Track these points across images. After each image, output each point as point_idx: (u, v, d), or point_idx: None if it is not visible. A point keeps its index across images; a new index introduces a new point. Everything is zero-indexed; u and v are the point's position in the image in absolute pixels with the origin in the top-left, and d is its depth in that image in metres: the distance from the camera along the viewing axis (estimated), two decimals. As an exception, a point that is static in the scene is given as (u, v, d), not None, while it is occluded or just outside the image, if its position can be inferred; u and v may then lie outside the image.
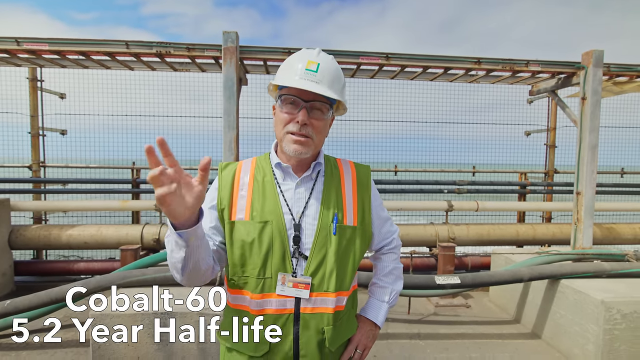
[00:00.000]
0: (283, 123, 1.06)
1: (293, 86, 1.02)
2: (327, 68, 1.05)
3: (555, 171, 5.63)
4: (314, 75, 1.02)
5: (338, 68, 1.10)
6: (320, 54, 1.08)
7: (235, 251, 1.07)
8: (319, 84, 1.02)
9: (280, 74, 1.09)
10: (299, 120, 1.03)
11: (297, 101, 1.04)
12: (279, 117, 1.08)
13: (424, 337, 3.28)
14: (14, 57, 3.78)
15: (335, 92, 1.05)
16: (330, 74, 1.05)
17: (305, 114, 1.03)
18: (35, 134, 4.97)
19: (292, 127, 1.04)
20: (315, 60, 1.04)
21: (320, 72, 1.03)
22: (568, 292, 3.02)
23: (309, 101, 1.03)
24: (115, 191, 4.99)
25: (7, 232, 4.19)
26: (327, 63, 1.06)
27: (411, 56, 3.65)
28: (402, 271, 1.33)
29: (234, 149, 3.42)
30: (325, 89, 1.02)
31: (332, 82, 1.05)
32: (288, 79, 1.04)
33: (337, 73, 1.08)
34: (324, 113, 1.06)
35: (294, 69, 1.05)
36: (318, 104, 1.04)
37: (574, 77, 3.90)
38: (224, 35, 3.33)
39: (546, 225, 4.91)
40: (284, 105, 1.06)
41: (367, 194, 1.18)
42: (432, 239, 4.60)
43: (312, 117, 1.04)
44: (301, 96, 1.03)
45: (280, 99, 1.07)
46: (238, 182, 1.12)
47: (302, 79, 1.02)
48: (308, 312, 1.05)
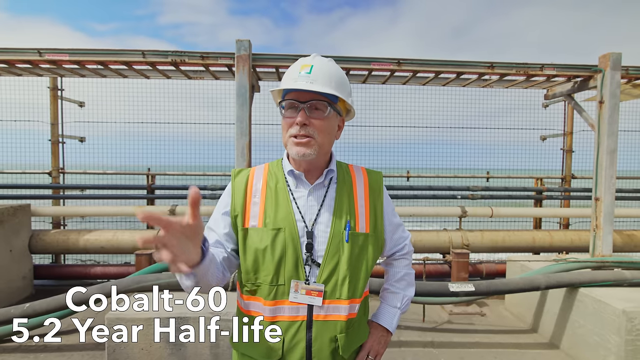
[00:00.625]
0: (286, 128, 1.08)
1: (286, 87, 1.05)
2: (321, 68, 1.06)
3: (572, 176, 5.50)
4: (307, 77, 1.04)
5: (335, 68, 1.10)
6: (315, 58, 1.09)
7: (248, 258, 1.07)
8: (313, 83, 1.03)
9: (281, 83, 1.12)
10: (297, 121, 1.04)
11: (295, 104, 1.05)
12: (283, 124, 1.10)
13: (437, 346, 3.23)
14: (36, 67, 3.92)
15: (331, 89, 1.05)
16: (325, 73, 1.05)
17: (303, 114, 1.04)
18: (55, 141, 5.13)
19: (293, 130, 1.05)
20: (309, 63, 1.06)
21: (314, 73, 1.04)
22: (587, 301, 2.93)
23: (306, 102, 1.04)
24: (130, 197, 5.10)
25: (28, 236, 4.31)
26: (321, 64, 1.07)
27: (423, 61, 3.64)
28: (415, 277, 1.32)
29: (246, 155, 3.46)
30: (320, 87, 1.03)
31: (327, 80, 1.05)
32: (284, 83, 1.08)
33: (333, 72, 1.08)
34: (323, 111, 1.06)
35: (290, 75, 1.08)
36: (316, 103, 1.05)
37: (590, 80, 3.82)
38: (237, 43, 3.39)
39: (564, 232, 4.79)
40: (285, 111, 1.08)
41: (379, 200, 1.17)
42: (445, 246, 4.54)
43: (312, 117, 1.05)
44: (298, 98, 1.05)
45: (281, 107, 1.10)
46: (251, 189, 1.13)
47: (297, 81, 1.04)
48: (321, 320, 1.04)
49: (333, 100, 1.07)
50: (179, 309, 2.50)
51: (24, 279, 4.20)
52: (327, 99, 1.06)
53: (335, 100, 1.08)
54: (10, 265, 4.02)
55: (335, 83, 1.07)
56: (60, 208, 4.96)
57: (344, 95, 1.09)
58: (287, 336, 1.03)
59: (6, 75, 4.23)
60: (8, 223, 4.00)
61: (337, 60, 3.56)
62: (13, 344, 3.04)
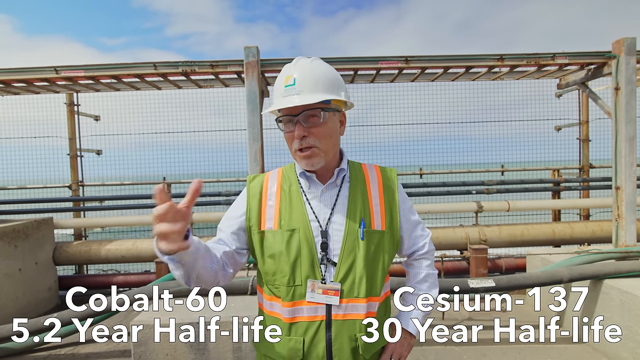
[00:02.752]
0: (290, 143, 1.10)
1: (276, 108, 1.07)
2: (305, 76, 1.04)
3: (590, 166, 5.37)
4: (293, 89, 1.03)
5: (320, 69, 1.07)
6: (296, 64, 1.07)
7: (266, 260, 1.09)
8: (299, 94, 1.03)
9: (272, 99, 1.13)
10: (296, 135, 1.05)
11: (290, 118, 1.06)
12: (285, 138, 1.11)
13: (459, 343, 3.19)
14: (53, 85, 4.05)
15: (321, 93, 1.04)
16: (309, 80, 1.04)
17: (300, 127, 1.04)
18: (73, 155, 5.28)
19: (295, 144, 1.06)
20: (291, 74, 1.05)
21: (298, 83, 1.03)
22: (613, 292, 2.86)
23: (298, 114, 1.04)
24: (148, 206, 5.20)
25: (52, 249, 4.45)
26: (304, 71, 1.05)
27: (431, 57, 3.62)
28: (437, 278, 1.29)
29: (259, 159, 3.50)
30: (307, 97, 1.02)
31: (314, 86, 1.04)
32: (274, 102, 1.09)
33: (319, 74, 1.06)
34: (319, 117, 1.05)
35: (278, 90, 1.08)
36: (309, 112, 1.04)
37: (604, 67, 3.74)
38: (245, 50, 3.44)
39: (584, 223, 4.68)
40: (284, 127, 1.09)
41: (393, 197, 1.17)
42: (462, 242, 4.49)
43: (310, 126, 1.05)
44: (291, 112, 1.05)
45: (279, 123, 1.11)
46: (266, 193, 1.15)
47: (284, 96, 1.04)
48: (340, 319, 1.05)
49: (326, 102, 1.06)
50: (201, 315, 2.55)
51: (49, 290, 4.33)
52: (319, 105, 1.05)
53: (328, 102, 1.07)
54: (37, 277, 4.15)
55: (323, 85, 1.05)
56: (81, 220, 5.10)
57: (335, 94, 1.08)
58: (307, 337, 1.04)
59: (25, 93, 4.38)
60: (33, 236, 4.13)
61: (344, 61, 3.60)
62: (42, 353, 3.14)
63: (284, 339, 1.06)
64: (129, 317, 3.84)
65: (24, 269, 3.95)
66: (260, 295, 1.17)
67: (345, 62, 3.60)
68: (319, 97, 1.03)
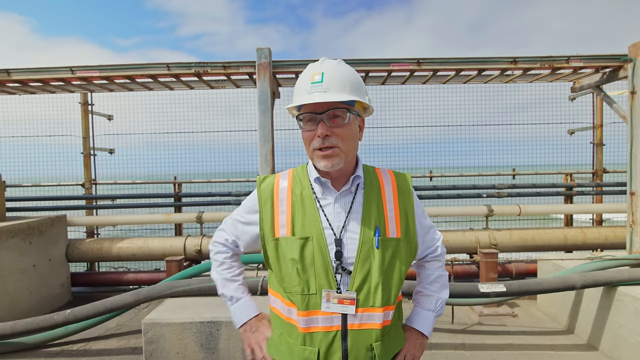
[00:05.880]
0: (308, 142, 1.07)
1: (302, 103, 1.02)
2: (333, 74, 1.02)
3: (604, 171, 5.28)
4: (320, 86, 1.01)
5: (348, 70, 1.06)
6: (324, 63, 1.06)
7: (282, 267, 1.08)
8: (327, 92, 1.00)
9: (294, 96, 1.10)
10: (319, 134, 1.02)
11: (312, 116, 1.04)
12: (303, 137, 1.08)
13: (469, 348, 3.17)
14: (69, 84, 4.12)
15: (347, 94, 1.02)
16: (338, 78, 1.02)
17: (323, 126, 1.02)
18: (87, 153, 5.37)
19: (316, 143, 1.04)
20: (318, 71, 1.03)
21: (326, 80, 1.01)
22: (627, 300, 2.81)
23: (323, 112, 1.02)
24: (159, 205, 5.26)
25: (65, 246, 4.52)
26: (332, 69, 1.04)
27: (443, 60, 3.60)
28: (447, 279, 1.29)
29: (269, 161, 3.52)
30: (334, 95, 1.00)
31: (341, 86, 1.02)
32: (298, 97, 1.06)
33: (346, 75, 1.05)
34: (344, 118, 1.03)
35: (302, 86, 1.05)
36: (335, 111, 1.02)
37: (620, 70, 3.68)
38: (258, 51, 3.46)
39: (597, 229, 4.61)
40: (304, 125, 1.07)
41: (409, 203, 1.15)
42: (472, 246, 4.45)
43: (333, 126, 1.03)
44: (315, 110, 1.03)
45: (299, 120, 1.08)
46: (277, 197, 1.13)
47: (310, 93, 1.01)
48: (355, 329, 1.03)
49: (350, 104, 1.05)
50: (212, 314, 2.58)
51: (62, 286, 4.40)
52: (345, 105, 1.03)
53: (352, 104, 1.06)
54: (50, 274, 4.22)
55: (350, 86, 1.04)
56: (93, 218, 5.17)
57: (361, 96, 1.06)
58: (322, 347, 1.02)
59: (41, 93, 4.47)
60: (47, 233, 4.21)
61: (356, 62, 3.60)
62: (55, 349, 3.19)
63: (299, 349, 1.04)
64: (139, 314, 3.89)
65: (38, 265, 4.03)
66: (275, 300, 1.15)
67: (357, 64, 3.60)
68: (346, 97, 1.02)
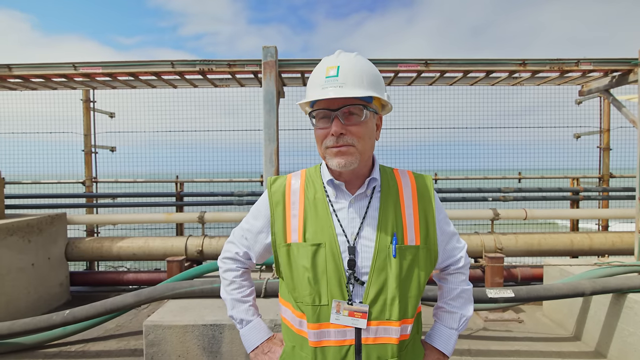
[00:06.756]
0: (321, 140, 1.00)
1: (316, 98, 0.95)
2: (349, 68, 0.95)
3: (610, 175, 5.24)
4: (335, 80, 0.94)
5: (364, 63, 0.99)
6: (340, 56, 0.99)
7: (294, 275, 1.02)
8: (342, 87, 0.93)
9: (307, 91, 1.03)
10: (333, 132, 0.95)
11: (327, 113, 0.97)
12: (316, 135, 1.01)
13: (475, 354, 3.11)
14: (71, 81, 4.07)
15: (364, 89, 0.94)
16: (355, 72, 0.95)
17: (338, 123, 0.95)
18: (88, 151, 5.31)
19: (329, 141, 0.97)
20: (334, 64, 0.96)
21: (342, 75, 0.94)
22: (637, 307, 2.76)
23: (338, 109, 0.95)
24: (160, 204, 5.20)
25: (64, 244, 4.46)
26: (348, 62, 0.96)
27: (451, 61, 3.55)
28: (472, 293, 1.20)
29: (274, 161, 3.46)
30: (351, 90, 0.93)
31: (359, 80, 0.94)
32: (312, 93, 0.99)
33: (364, 69, 0.97)
34: (360, 116, 0.96)
35: (316, 81, 0.98)
36: (350, 108, 0.95)
37: (630, 74, 3.64)
38: (264, 50, 3.41)
39: (604, 234, 4.56)
40: (317, 122, 1.00)
41: (430, 207, 1.07)
42: (477, 249, 4.40)
43: (349, 124, 0.96)
44: (329, 106, 0.96)
45: (312, 117, 1.01)
46: (289, 200, 1.07)
47: (325, 88, 0.95)
48: (370, 343, 0.97)
49: (368, 100, 0.97)
50: (215, 316, 2.52)
51: (61, 285, 4.34)
52: (361, 102, 0.96)
53: (370, 100, 0.98)
54: (49, 273, 4.16)
55: (368, 81, 0.96)
56: (94, 216, 5.11)
57: (379, 92, 0.98)
58: None
59: (42, 89, 4.41)
60: (46, 232, 4.15)
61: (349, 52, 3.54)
62: (53, 350, 3.13)
63: None
64: (139, 315, 3.83)
65: (36, 263, 3.97)
66: (286, 310, 1.09)
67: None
68: (363, 92, 0.94)
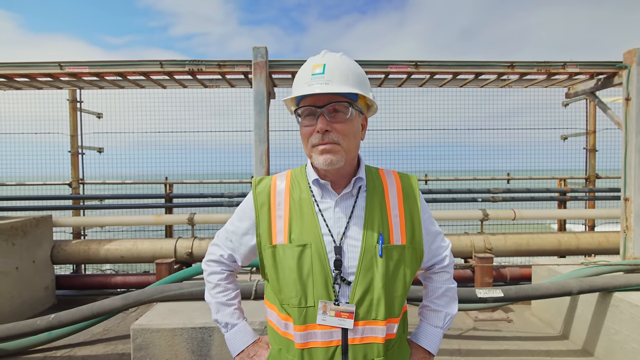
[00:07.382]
0: (306, 138, 0.99)
1: (302, 94, 0.95)
2: (335, 66, 0.96)
3: (597, 176, 5.34)
4: (321, 77, 0.94)
5: (351, 63, 1.00)
6: (326, 55, 1.00)
7: (279, 276, 1.01)
8: (328, 83, 0.93)
9: (293, 89, 1.03)
10: (319, 129, 0.95)
11: (312, 110, 0.96)
12: (302, 134, 1.01)
13: (465, 354, 3.13)
14: (57, 80, 3.99)
15: (350, 86, 0.95)
16: (341, 71, 0.96)
17: (323, 120, 0.95)
18: (75, 152, 5.21)
19: (315, 139, 0.97)
20: (320, 62, 0.96)
21: (328, 72, 0.94)
22: (623, 306, 2.81)
23: (323, 106, 0.95)
24: (149, 206, 5.13)
25: (50, 247, 4.37)
26: (334, 61, 0.97)
27: (441, 63, 3.58)
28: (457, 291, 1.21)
29: (264, 162, 3.44)
30: (337, 87, 0.93)
31: (344, 78, 0.95)
32: (297, 89, 0.99)
33: (350, 68, 0.98)
34: (345, 113, 0.96)
35: (302, 79, 0.98)
36: (335, 105, 0.95)
37: (615, 77, 3.71)
38: (254, 50, 3.39)
39: (591, 234, 4.64)
40: (303, 119, 0.99)
41: (415, 207, 1.07)
42: (467, 250, 4.44)
43: (334, 121, 0.96)
44: (315, 103, 0.96)
45: (297, 115, 1.01)
46: (274, 201, 1.06)
47: (311, 85, 0.95)
48: (357, 343, 0.97)
49: (353, 99, 0.98)
50: (204, 319, 2.49)
51: (46, 289, 4.25)
52: (347, 99, 0.96)
53: (355, 99, 0.99)
54: (34, 276, 4.07)
55: (353, 79, 0.97)
56: (80, 218, 5.02)
57: (365, 91, 0.99)
58: None
59: (27, 88, 4.32)
60: (31, 234, 4.06)
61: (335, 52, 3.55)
62: (38, 355, 3.06)
63: None
64: (127, 319, 3.77)
65: (21, 267, 3.87)
66: (271, 313, 1.08)
67: (354, 65, 3.56)
68: (349, 89, 0.95)
